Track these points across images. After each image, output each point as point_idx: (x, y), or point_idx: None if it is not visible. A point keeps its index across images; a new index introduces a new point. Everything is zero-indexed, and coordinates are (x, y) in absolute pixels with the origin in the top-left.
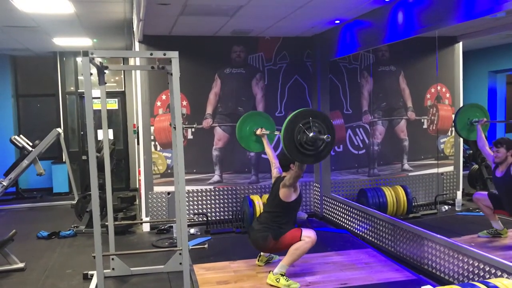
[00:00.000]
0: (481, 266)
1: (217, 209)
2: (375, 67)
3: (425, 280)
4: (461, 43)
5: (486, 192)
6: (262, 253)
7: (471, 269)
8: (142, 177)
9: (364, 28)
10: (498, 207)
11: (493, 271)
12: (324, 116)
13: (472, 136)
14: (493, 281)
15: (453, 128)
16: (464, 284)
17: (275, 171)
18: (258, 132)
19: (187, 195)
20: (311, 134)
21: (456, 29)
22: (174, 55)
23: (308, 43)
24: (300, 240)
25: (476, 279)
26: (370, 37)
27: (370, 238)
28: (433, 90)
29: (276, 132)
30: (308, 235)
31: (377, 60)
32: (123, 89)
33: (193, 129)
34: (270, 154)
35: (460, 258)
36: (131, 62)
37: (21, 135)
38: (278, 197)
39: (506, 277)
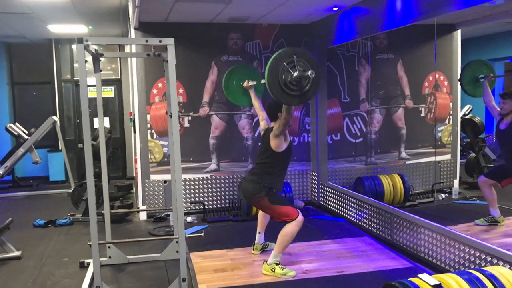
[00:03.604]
0: (478, 254)
1: (214, 198)
2: (373, 54)
3: (422, 268)
4: (459, 31)
5: (482, 175)
6: (256, 241)
7: (467, 257)
8: (138, 166)
9: (362, 15)
10: (502, 178)
11: (489, 259)
12: (308, 55)
13: (478, 93)
14: (489, 269)
15: (451, 116)
16: (460, 272)
17: (263, 123)
18: (245, 84)
19: (183, 184)
20: (295, 74)
21: (454, 17)
22: (169, 42)
23: (306, 31)
24: (291, 221)
25: (472, 267)
26: (368, 24)
27: (367, 226)
28: (431, 78)
29: (263, 80)
30: (299, 219)
31: (375, 48)
32: (119, 77)
33: (189, 117)
34: (258, 106)
35: (457, 246)
36: (127, 49)
37: (16, 123)
38: (270, 148)
39: (502, 265)
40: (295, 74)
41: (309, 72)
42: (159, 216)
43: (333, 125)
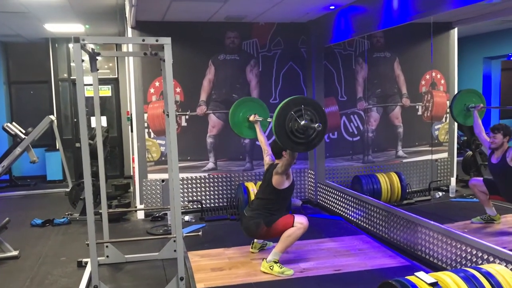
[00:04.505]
0: (474, 252)
1: (212, 196)
2: (370, 53)
3: (419, 266)
4: (456, 29)
5: (482, 178)
6: (255, 240)
7: (464, 255)
8: (136, 165)
9: (359, 13)
10: (494, 193)
11: (486, 257)
12: (317, 104)
13: (469, 122)
14: (486, 266)
15: (448, 115)
16: (457, 269)
17: (268, 158)
18: (251, 118)
19: (181, 183)
20: (302, 122)
21: (451, 15)
22: (166, 41)
23: (303, 29)
24: (292, 226)
25: (469, 264)
26: (365, 23)
27: (364, 225)
28: (427, 76)
29: (269, 119)
30: (300, 221)
31: (372, 46)
32: (117, 76)
33: (186, 116)
34: (263, 141)
35: (454, 244)
36: (124, 48)
37: (13, 123)
38: (271, 184)
39: (499, 263)
40: (302, 123)
41: (316, 125)
42: (157, 215)
43: (330, 124)
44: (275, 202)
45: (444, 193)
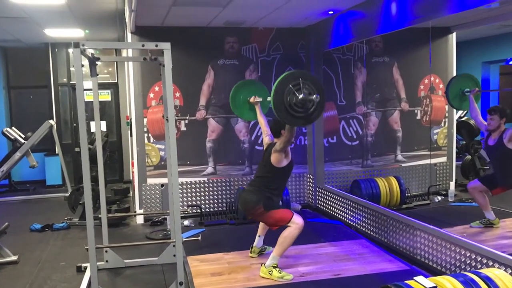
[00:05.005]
0: (473, 256)
1: (211, 201)
2: (369, 58)
3: (418, 271)
4: (454, 34)
5: (477, 179)
6: (254, 245)
7: (463, 259)
8: (135, 169)
9: (358, 18)
10: (494, 187)
11: (485, 261)
12: (314, 78)
13: (464, 106)
14: (485, 271)
15: (447, 119)
16: (456, 274)
17: (267, 138)
18: (252, 100)
19: (180, 187)
20: (301, 96)
21: (449, 20)
22: (166, 46)
23: (302, 34)
24: (288, 223)
25: (468, 269)
26: (364, 28)
27: (364, 229)
28: (426, 81)
29: (269, 98)
30: (297, 221)
31: (370, 51)
32: (116, 81)
33: (186, 121)
34: (262, 122)
35: (453, 249)
36: (124, 53)
37: (13, 127)
38: (270, 162)
39: (498, 267)
40: (300, 96)
41: (314, 96)
42: (156, 219)
43: (330, 128)
44: (274, 181)
45: (443, 197)
